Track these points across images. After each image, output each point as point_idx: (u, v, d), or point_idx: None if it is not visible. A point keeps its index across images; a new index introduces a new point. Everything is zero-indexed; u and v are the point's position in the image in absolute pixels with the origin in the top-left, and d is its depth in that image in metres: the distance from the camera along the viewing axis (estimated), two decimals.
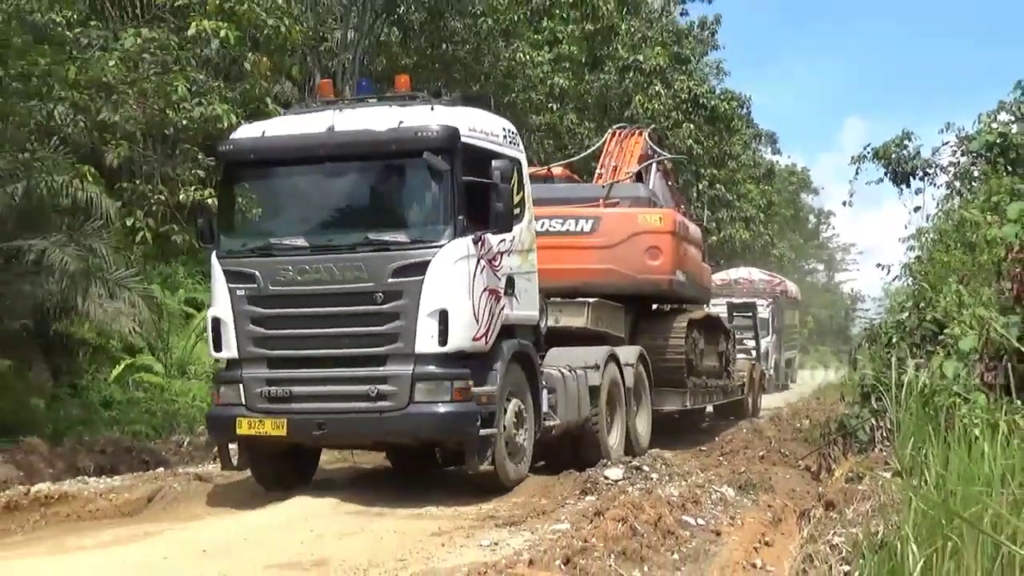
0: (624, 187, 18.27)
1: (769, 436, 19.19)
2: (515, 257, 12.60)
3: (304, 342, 11.70)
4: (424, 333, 11.17)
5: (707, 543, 10.18)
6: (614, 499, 11.26)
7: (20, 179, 16.40)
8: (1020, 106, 24.02)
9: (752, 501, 12.37)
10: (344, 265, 11.49)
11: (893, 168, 25.30)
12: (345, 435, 12.14)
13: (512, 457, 12.20)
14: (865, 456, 12.30)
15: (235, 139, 12.84)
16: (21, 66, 15.91)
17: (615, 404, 15.22)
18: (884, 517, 7.57)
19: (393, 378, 11.29)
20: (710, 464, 15.18)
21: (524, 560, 8.47)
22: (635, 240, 16.95)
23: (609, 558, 8.76)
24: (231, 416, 11.58)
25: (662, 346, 17.54)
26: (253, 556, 9.20)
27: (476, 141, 11.97)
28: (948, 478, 6.08)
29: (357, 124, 11.88)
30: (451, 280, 11.28)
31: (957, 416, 8.52)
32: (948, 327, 12.76)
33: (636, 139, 20.21)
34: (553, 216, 16.72)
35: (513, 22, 28.08)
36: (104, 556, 9.49)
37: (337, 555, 9.25)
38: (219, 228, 12.46)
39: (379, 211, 12.41)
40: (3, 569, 9.09)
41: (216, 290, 12.02)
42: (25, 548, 10.04)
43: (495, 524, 10.90)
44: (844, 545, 8.24)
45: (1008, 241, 11.28)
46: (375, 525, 10.71)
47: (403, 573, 8.65)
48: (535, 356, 13.05)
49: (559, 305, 15.80)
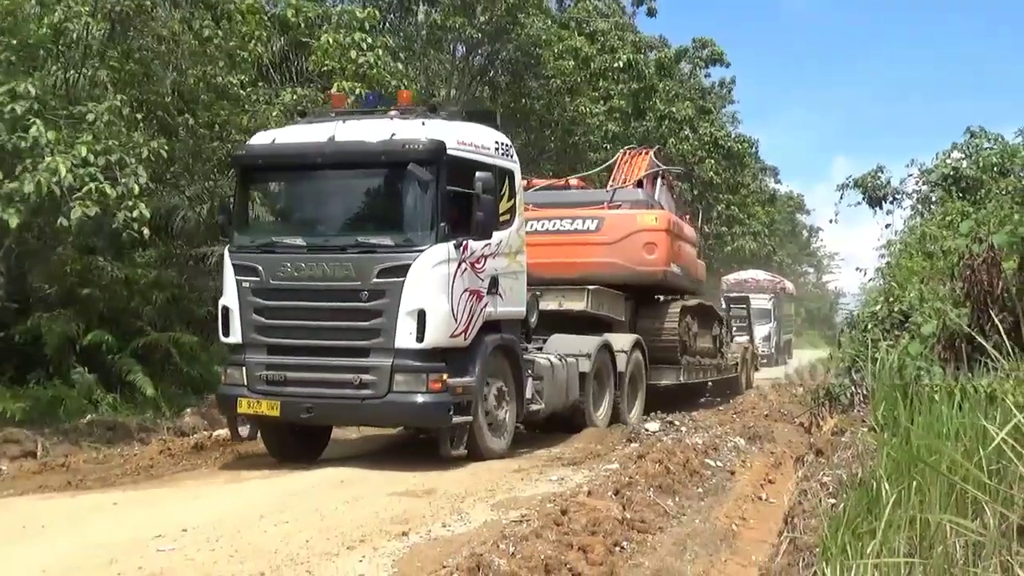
0: (626, 192, 17.21)
1: (771, 399, 19.05)
2: (501, 259, 11.12)
3: (298, 332, 10.42)
4: (403, 330, 9.90)
5: (724, 480, 10.12)
6: (652, 446, 11.21)
7: (206, 202, 16.71)
8: (968, 147, 23.67)
9: (758, 449, 12.30)
10: (335, 264, 10.23)
11: (869, 194, 25.11)
12: (330, 418, 10.87)
13: (494, 433, 10.94)
14: (847, 415, 12.13)
15: (249, 145, 11.48)
16: (207, 116, 16.25)
17: (605, 386, 13.97)
18: (862, 463, 7.48)
19: (375, 369, 10.00)
20: (726, 420, 15.06)
21: (584, 491, 8.46)
22: (634, 237, 15.93)
23: (649, 490, 8.71)
24: (234, 396, 10.50)
25: (658, 329, 16.50)
26: (379, 485, 9.26)
27: (463, 153, 10.54)
28: (913, 432, 5.99)
29: (354, 135, 10.55)
30: (429, 282, 9.97)
31: (920, 385, 8.38)
32: (912, 316, 12.60)
33: (644, 156, 19.07)
34: (564, 217, 15.94)
35: (576, 83, 28.03)
36: (268, 485, 9.65)
37: (441, 486, 9.28)
38: (233, 225, 11.24)
39: (369, 216, 11.01)
40: (196, 492, 9.24)
41: (226, 281, 10.77)
42: (210, 478, 10.20)
43: (561, 464, 10.93)
44: (831, 483, 8.16)
45: (960, 251, 11.16)
46: (471, 465, 10.74)
47: (491, 499, 8.69)
48: (518, 347, 11.63)
49: (563, 291, 14.76)
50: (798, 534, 6.91)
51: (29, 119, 11.87)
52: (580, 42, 28.61)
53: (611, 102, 30.24)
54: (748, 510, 8.92)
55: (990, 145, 23.31)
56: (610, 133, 30.68)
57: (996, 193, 20.57)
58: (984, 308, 8.53)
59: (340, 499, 8.59)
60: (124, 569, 6.33)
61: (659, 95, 33.34)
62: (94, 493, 9.16)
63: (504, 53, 26.35)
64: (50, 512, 8.29)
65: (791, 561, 6.34)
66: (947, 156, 23.87)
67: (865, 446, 8.36)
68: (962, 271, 9.77)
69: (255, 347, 10.51)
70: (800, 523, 7.30)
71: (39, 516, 8.13)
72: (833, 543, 5.27)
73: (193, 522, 7.62)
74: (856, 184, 25.31)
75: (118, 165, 12.27)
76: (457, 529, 7.45)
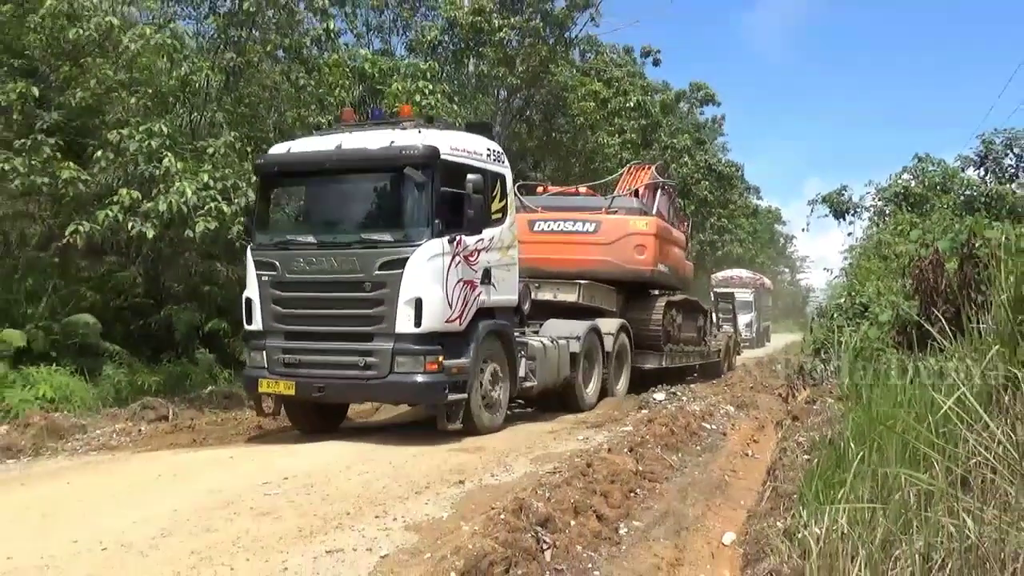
0: (622, 200, 16.30)
1: (755, 375, 18.94)
2: (494, 253, 10.18)
3: (310, 320, 9.60)
4: (403, 316, 9.08)
5: (717, 440, 10.07)
6: (659, 412, 11.17)
7: None
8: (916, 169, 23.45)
9: (745, 415, 12.21)
10: (342, 259, 9.44)
11: (835, 208, 24.93)
12: (339, 396, 9.94)
13: (488, 409, 10.05)
14: (818, 388, 12.03)
15: (268, 155, 10.67)
16: None
17: (594, 365, 12.97)
18: (831, 426, 7.38)
19: (378, 352, 9.19)
20: (719, 391, 14.97)
21: (605, 448, 8.45)
22: (627, 239, 14.98)
23: (657, 448, 8.69)
24: (256, 376, 9.76)
25: (645, 319, 15.52)
26: (439, 444, 9.24)
27: (456, 158, 9.69)
28: (873, 401, 5.93)
29: (358, 143, 9.77)
30: (426, 273, 9.13)
31: (878, 363, 8.29)
32: (870, 307, 12.50)
33: (646, 170, 18.27)
34: (568, 219, 15.17)
35: (596, 120, 27.88)
36: (350, 443, 9.57)
37: (489, 445, 9.29)
38: (255, 226, 10.51)
39: (372, 215, 10.04)
40: (294, 448, 9.26)
41: (249, 276, 10.00)
42: (303, 438, 10.17)
43: (586, 427, 10.89)
44: (805, 443, 8.08)
45: (910, 254, 11.06)
46: (514, 428, 10.74)
47: (529, 455, 8.68)
48: (511, 332, 10.65)
49: (559, 284, 13.94)
50: (779, 484, 6.86)
51: (162, 152, 12.06)
52: (599, 87, 28.51)
53: (624, 135, 30.04)
54: (737, 464, 8.88)
55: (934, 168, 23.14)
56: (624, 160, 30.46)
57: (939, 207, 20.40)
58: (930, 301, 8.42)
59: (409, 454, 8.61)
60: (239, 509, 6.39)
61: (663, 129, 33.18)
62: (214, 449, 9.26)
63: (538, 96, 26.24)
64: (179, 464, 8.39)
65: (773, 506, 6.30)
66: (899, 177, 23.72)
67: (833, 413, 8.28)
68: (912, 270, 9.67)
69: (274, 333, 9.76)
70: (780, 475, 7.25)
71: (171, 467, 8.22)
72: (808, 491, 5.22)
73: (292, 472, 7.68)
74: (824, 200, 25.18)
75: (232, 188, 12.38)
76: (503, 478, 7.46)
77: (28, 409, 10.42)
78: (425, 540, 5.52)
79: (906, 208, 21.51)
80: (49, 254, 13.10)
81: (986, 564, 3.12)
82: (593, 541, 5.75)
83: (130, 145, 12.07)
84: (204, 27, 15.08)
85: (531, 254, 13.42)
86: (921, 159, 23.56)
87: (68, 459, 8.93)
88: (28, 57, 13.15)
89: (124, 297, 14.24)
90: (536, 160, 27.55)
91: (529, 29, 23.32)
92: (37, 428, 9.78)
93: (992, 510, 3.29)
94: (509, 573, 4.97)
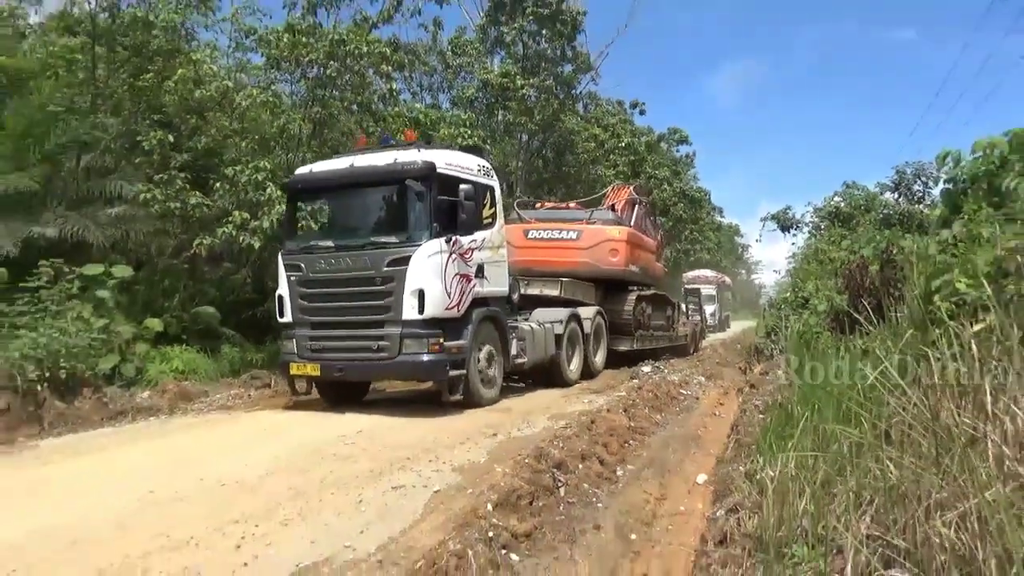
0: (601, 212, 15.51)
1: (721, 353, 18.81)
2: (486, 251, 9.47)
3: (331, 312, 8.95)
4: (408, 305, 8.50)
5: (692, 403, 10.00)
6: (647, 381, 11.12)
7: None
8: (845, 193, 23.18)
9: (713, 384, 12.12)
10: (356, 259, 8.78)
11: (781, 223, 24.63)
12: (356, 375, 9.15)
13: (485, 385, 9.33)
14: (769, 362, 11.92)
15: (295, 175, 9.96)
16: None
17: (575, 345, 12.06)
18: (781, 393, 7.30)
19: (388, 336, 8.60)
20: (693, 366, 14.87)
21: (605, 409, 8.41)
22: (603, 245, 14.41)
23: (645, 409, 8.65)
24: (288, 361, 9.18)
25: (619, 310, 14.72)
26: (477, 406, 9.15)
27: (450, 172, 9.04)
28: (813, 372, 5.85)
29: (367, 162, 9.19)
30: (426, 269, 8.55)
31: (817, 343, 8.20)
32: (810, 300, 12.33)
33: (626, 189, 17.58)
34: (556, 228, 14.57)
35: (596, 156, 27.79)
36: (406, 405, 9.54)
37: (515, 407, 9.24)
38: (284, 235, 10.02)
39: (380, 221, 9.32)
40: (364, 411, 9.24)
41: (280, 276, 9.34)
42: (370, 405, 10.26)
43: (590, 392, 10.79)
44: (761, 406, 8.00)
45: (841, 259, 10.93)
46: (533, 393, 10.71)
47: (547, 414, 8.62)
48: (503, 317, 9.91)
49: (545, 282, 13.20)
50: (741, 437, 6.80)
51: (266, 183, 12.15)
52: (598, 131, 28.41)
53: (617, 168, 29.82)
54: (708, 421, 8.81)
55: (859, 192, 22.80)
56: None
57: (864, 223, 20.12)
58: (857, 295, 8.27)
59: (453, 414, 8.60)
60: (324, 455, 6.40)
61: (648, 163, 32.79)
62: (304, 411, 9.23)
63: (551, 139, 26.16)
64: (279, 422, 8.43)
65: (736, 454, 6.24)
66: (831, 199, 23.40)
67: (782, 382, 8.21)
68: (843, 272, 9.53)
69: (302, 325, 9.14)
70: (742, 430, 7.18)
71: (273, 424, 8.27)
72: (764, 443, 5.16)
73: (362, 427, 7.72)
74: (773, 217, 24.89)
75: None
76: (527, 432, 7.43)
77: (165, 379, 10.53)
78: (468, 479, 5.50)
79: (837, 223, 21.25)
80: (180, 261, 13.24)
81: (905, 500, 3.07)
82: (596, 480, 5.73)
83: (241, 178, 12.19)
84: (297, 88, 15.11)
85: (525, 257, 13.24)
86: (849, 185, 23.23)
87: (195, 417, 9.01)
88: (165, 112, 13.32)
89: (237, 294, 14.30)
90: (550, 187, 27.43)
91: (544, 87, 23.35)
92: (172, 393, 9.90)
93: (909, 458, 3.23)
94: (533, 504, 4.97)
